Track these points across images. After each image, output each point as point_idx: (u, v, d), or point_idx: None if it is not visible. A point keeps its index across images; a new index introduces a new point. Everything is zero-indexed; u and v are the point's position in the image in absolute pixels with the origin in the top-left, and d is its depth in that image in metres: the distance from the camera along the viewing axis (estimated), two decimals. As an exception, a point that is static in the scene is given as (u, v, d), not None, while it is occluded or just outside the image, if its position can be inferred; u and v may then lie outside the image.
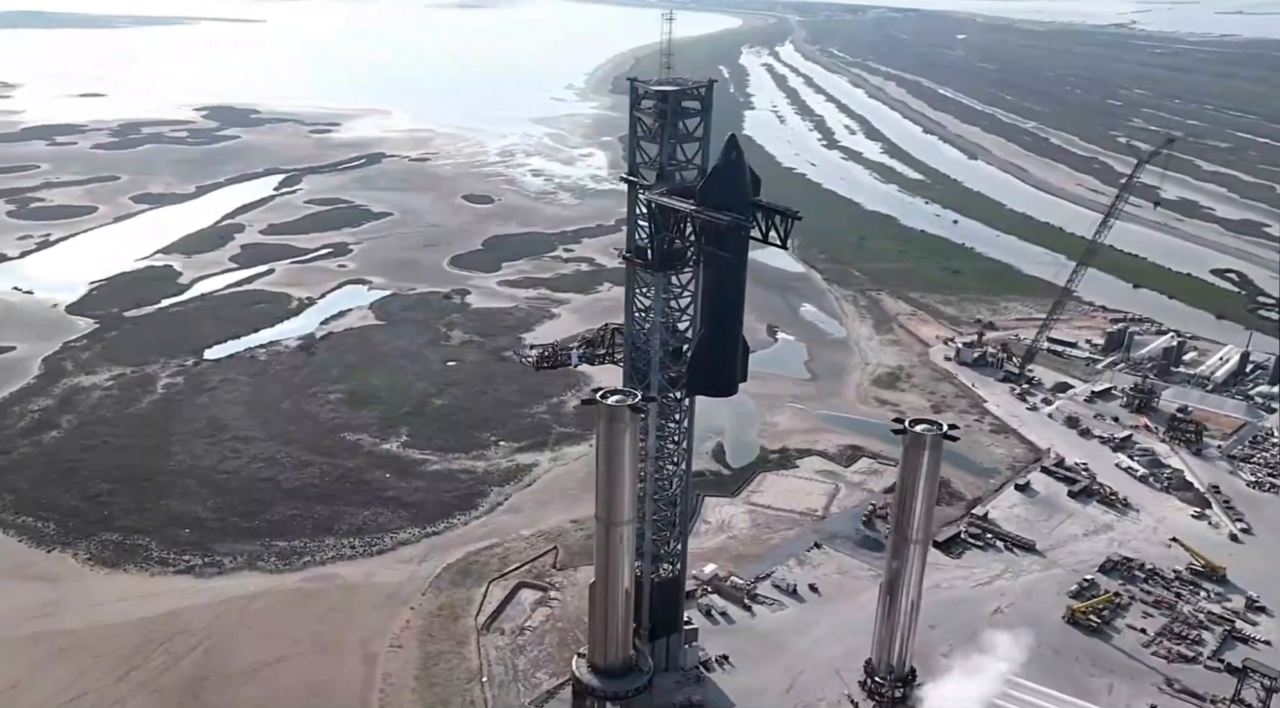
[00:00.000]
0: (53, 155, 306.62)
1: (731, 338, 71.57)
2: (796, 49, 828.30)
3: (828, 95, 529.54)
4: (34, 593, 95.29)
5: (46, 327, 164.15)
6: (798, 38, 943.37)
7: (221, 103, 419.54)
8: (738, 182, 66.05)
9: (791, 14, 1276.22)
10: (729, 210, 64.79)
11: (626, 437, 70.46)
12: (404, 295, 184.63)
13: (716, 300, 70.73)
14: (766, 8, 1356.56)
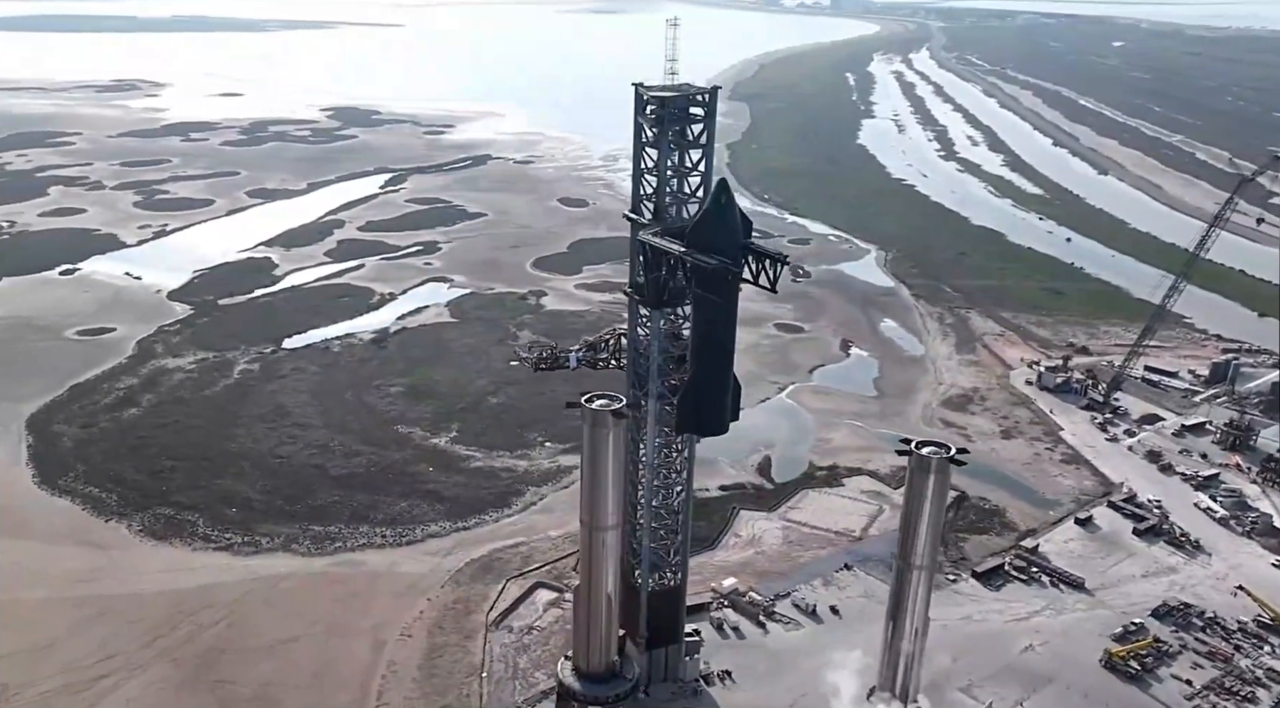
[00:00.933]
0: (184, 150, 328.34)
1: (721, 379, 72.08)
2: (932, 56, 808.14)
3: (955, 104, 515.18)
4: (86, 559, 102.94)
5: (148, 311, 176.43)
6: (935, 44, 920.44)
7: (347, 104, 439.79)
8: (727, 225, 66.46)
9: (934, 20, 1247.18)
10: (718, 253, 65.33)
11: (610, 441, 71.44)
12: (481, 294, 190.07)
13: (706, 341, 71.32)
14: (909, 14, 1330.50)
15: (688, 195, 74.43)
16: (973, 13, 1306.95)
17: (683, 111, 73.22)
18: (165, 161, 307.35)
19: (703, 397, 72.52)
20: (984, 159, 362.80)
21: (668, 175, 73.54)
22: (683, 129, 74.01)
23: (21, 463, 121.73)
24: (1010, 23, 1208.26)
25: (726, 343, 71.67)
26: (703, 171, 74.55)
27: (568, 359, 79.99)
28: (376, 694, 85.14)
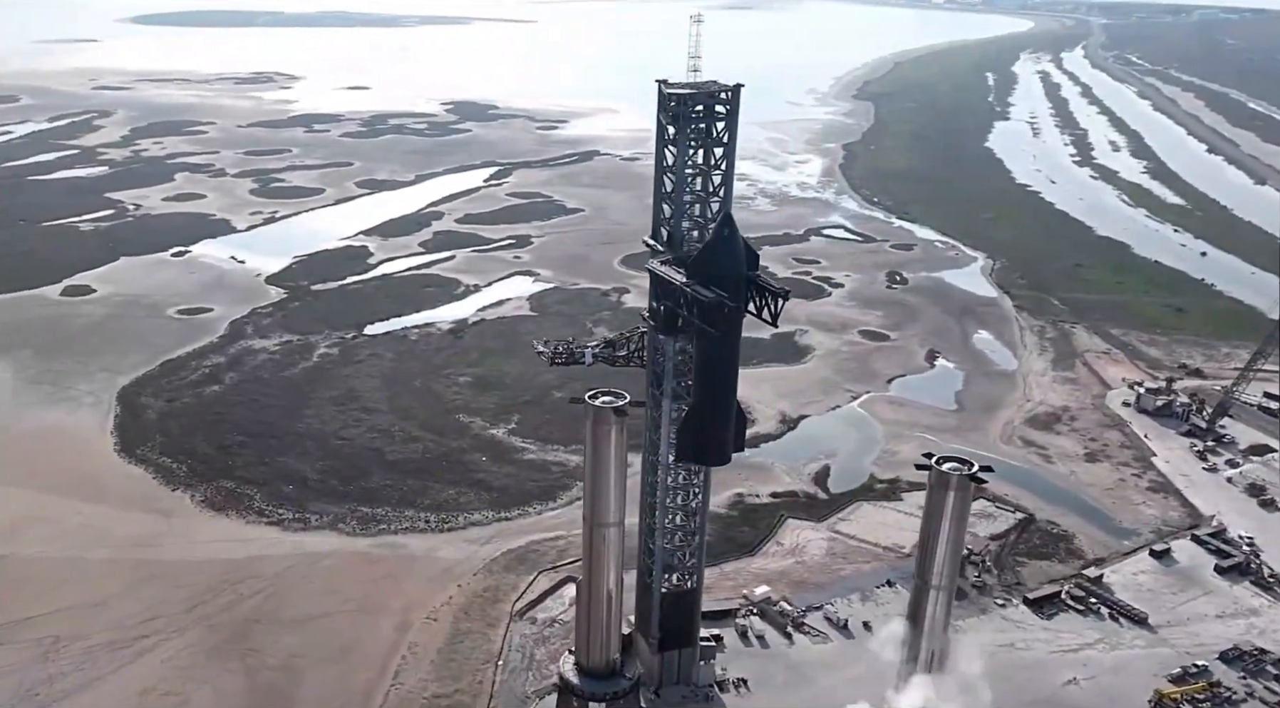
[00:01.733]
0: (305, 141, 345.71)
1: (723, 409, 72.39)
2: (1086, 55, 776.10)
3: (1102, 107, 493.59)
4: (149, 524, 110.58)
5: (245, 293, 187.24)
6: (1093, 43, 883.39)
7: (466, 98, 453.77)
8: (730, 258, 66.96)
9: (1097, 16, 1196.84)
10: (720, 285, 66.00)
11: (612, 438, 72.65)
12: (564, 289, 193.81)
13: (708, 372, 71.99)
14: (1069, 10, 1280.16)
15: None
16: (1143, 8, 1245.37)
17: (706, 110, 73.48)
18: (286, 151, 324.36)
19: (704, 426, 73.19)
20: (1123, 166, 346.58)
21: (686, 174, 73.86)
22: (708, 128, 74.35)
23: (107, 432, 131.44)
24: (1184, 19, 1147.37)
25: (729, 374, 72.19)
26: (724, 171, 74.73)
27: (583, 355, 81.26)
28: (394, 674, 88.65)
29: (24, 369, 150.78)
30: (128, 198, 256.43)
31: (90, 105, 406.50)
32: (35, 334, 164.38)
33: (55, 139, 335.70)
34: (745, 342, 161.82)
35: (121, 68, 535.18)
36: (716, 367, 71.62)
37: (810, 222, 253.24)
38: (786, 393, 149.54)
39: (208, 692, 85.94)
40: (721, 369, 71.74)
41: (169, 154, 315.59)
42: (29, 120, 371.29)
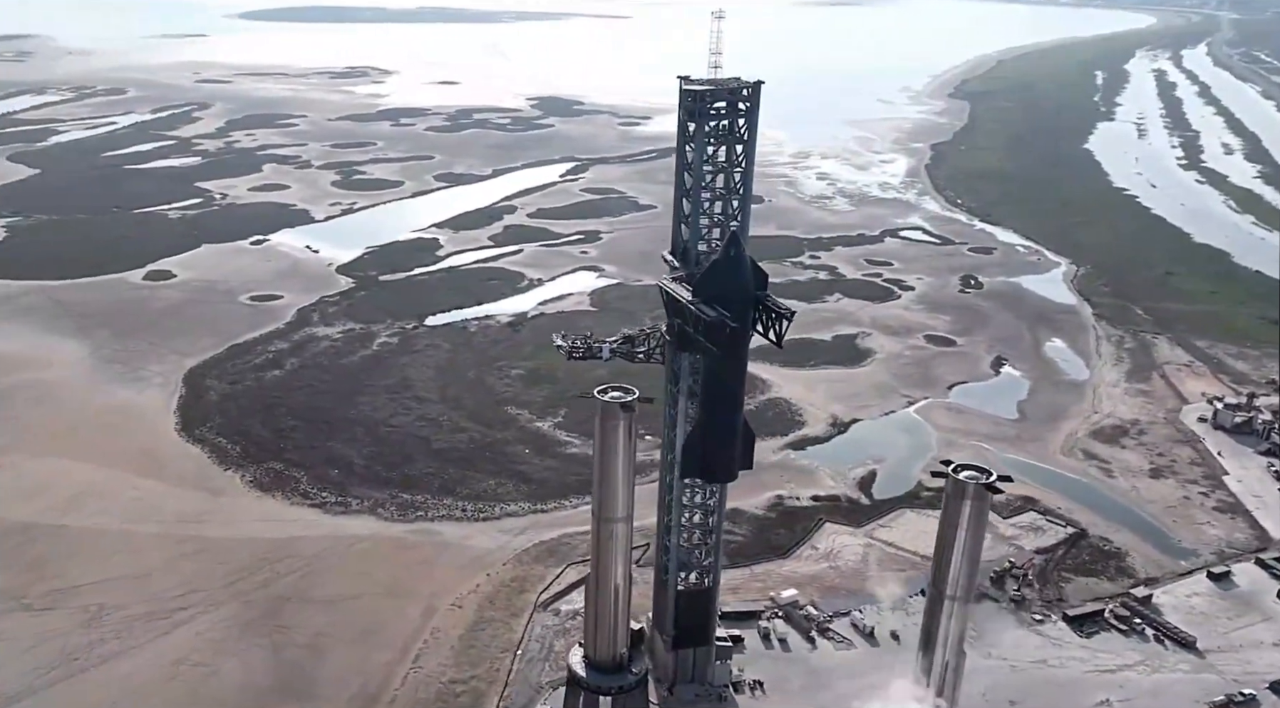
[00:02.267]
0: (391, 135, 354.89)
1: (727, 427, 73.64)
2: (1209, 52, 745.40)
3: (1219, 107, 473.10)
4: (198, 502, 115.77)
5: (316, 282, 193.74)
6: (1218, 39, 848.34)
7: (552, 94, 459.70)
8: (735, 278, 67.92)
9: (1227, 10, 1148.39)
10: (726, 305, 67.12)
11: (620, 434, 73.40)
12: (627, 285, 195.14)
13: (713, 390, 73.16)
14: (1196, 4, 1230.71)
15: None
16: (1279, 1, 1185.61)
17: (729, 107, 73.58)
18: (371, 144, 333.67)
19: (709, 443, 74.27)
20: (1234, 169, 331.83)
21: (704, 171, 74.14)
22: (730, 125, 74.49)
23: (171, 411, 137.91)
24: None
25: (734, 391, 73.28)
26: (744, 169, 74.82)
27: (601, 350, 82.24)
28: (414, 657, 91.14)
29: (101, 349, 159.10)
30: (216, 187, 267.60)
31: (191, 98, 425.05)
32: (115, 316, 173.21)
33: (155, 130, 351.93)
34: (804, 343, 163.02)
35: (224, 62, 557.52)
36: (721, 385, 73.04)
37: (887, 223, 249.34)
38: (841, 396, 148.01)
39: (236, 665, 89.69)
40: (726, 387, 73.17)
41: (260, 146, 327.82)
42: (133, 112, 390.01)
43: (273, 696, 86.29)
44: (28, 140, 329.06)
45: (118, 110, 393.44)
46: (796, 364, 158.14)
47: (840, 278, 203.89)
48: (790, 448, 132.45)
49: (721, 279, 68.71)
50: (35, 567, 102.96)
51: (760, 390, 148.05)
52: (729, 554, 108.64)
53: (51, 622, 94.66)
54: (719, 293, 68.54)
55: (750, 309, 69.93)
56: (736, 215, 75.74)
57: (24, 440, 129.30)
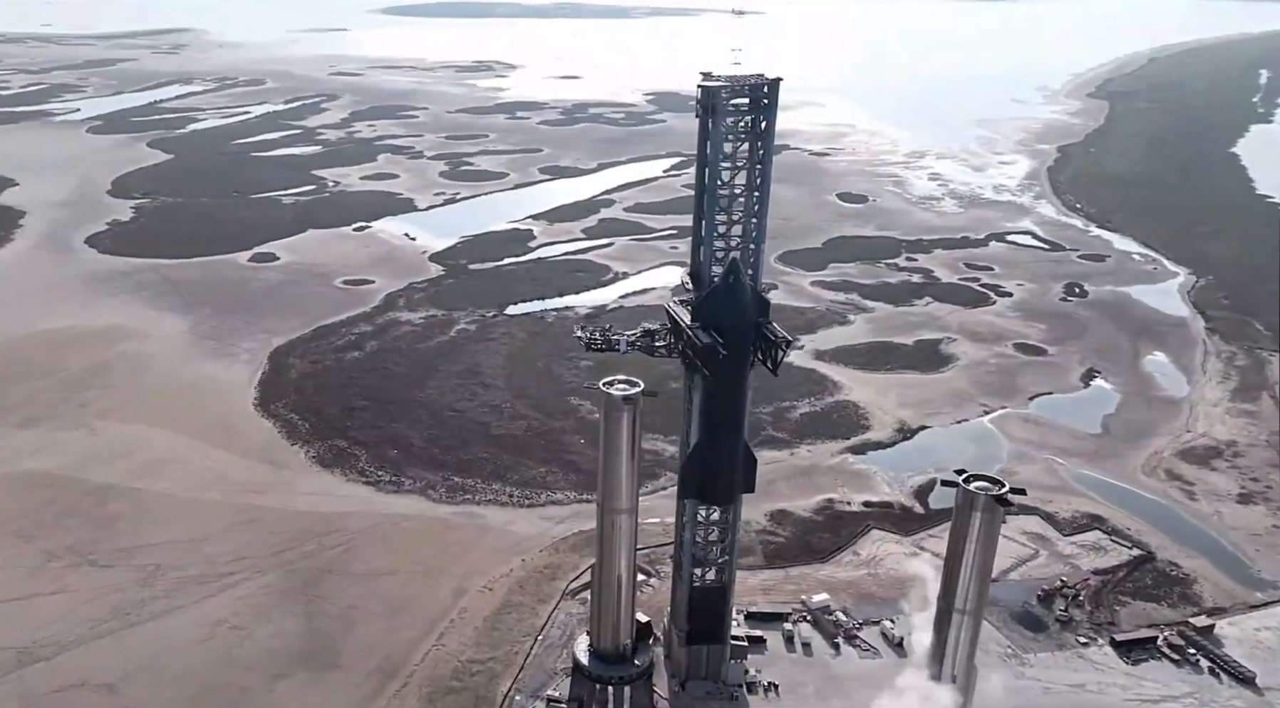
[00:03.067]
0: (504, 127, 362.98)
1: (725, 450, 73.97)
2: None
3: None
4: (262, 473, 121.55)
5: (408, 268, 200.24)
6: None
7: (669, 89, 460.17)
8: (732, 305, 68.14)
9: None
10: (721, 332, 67.90)
11: (624, 426, 73.89)
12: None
13: (710, 412, 73.63)
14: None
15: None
16: None
17: (753, 103, 72.72)
18: (483, 136, 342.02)
19: (707, 465, 74.60)
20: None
21: (721, 167, 73.52)
22: (753, 122, 73.64)
23: (251, 386, 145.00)
24: None
25: (731, 416, 73.35)
26: (761, 167, 73.81)
27: (618, 343, 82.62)
28: (438, 635, 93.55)
29: (199, 325, 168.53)
30: (331, 175, 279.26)
31: (322, 89, 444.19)
32: (217, 294, 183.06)
33: (284, 120, 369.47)
34: (883, 347, 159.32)
35: (360, 55, 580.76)
36: (719, 408, 73.24)
37: (995, 226, 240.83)
38: (913, 402, 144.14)
39: (269, 631, 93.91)
40: (723, 411, 73.33)
41: (378, 136, 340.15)
42: (267, 102, 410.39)
43: (298, 662, 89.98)
44: (168, 127, 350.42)
45: (253, 100, 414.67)
46: (872, 367, 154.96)
47: (934, 281, 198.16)
48: (850, 452, 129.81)
49: (720, 306, 69.35)
50: (106, 525, 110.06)
51: (829, 392, 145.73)
52: (767, 555, 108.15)
53: (112, 578, 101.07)
54: (717, 319, 69.40)
55: (749, 337, 69.73)
56: (755, 214, 74.48)
57: (116, 407, 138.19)
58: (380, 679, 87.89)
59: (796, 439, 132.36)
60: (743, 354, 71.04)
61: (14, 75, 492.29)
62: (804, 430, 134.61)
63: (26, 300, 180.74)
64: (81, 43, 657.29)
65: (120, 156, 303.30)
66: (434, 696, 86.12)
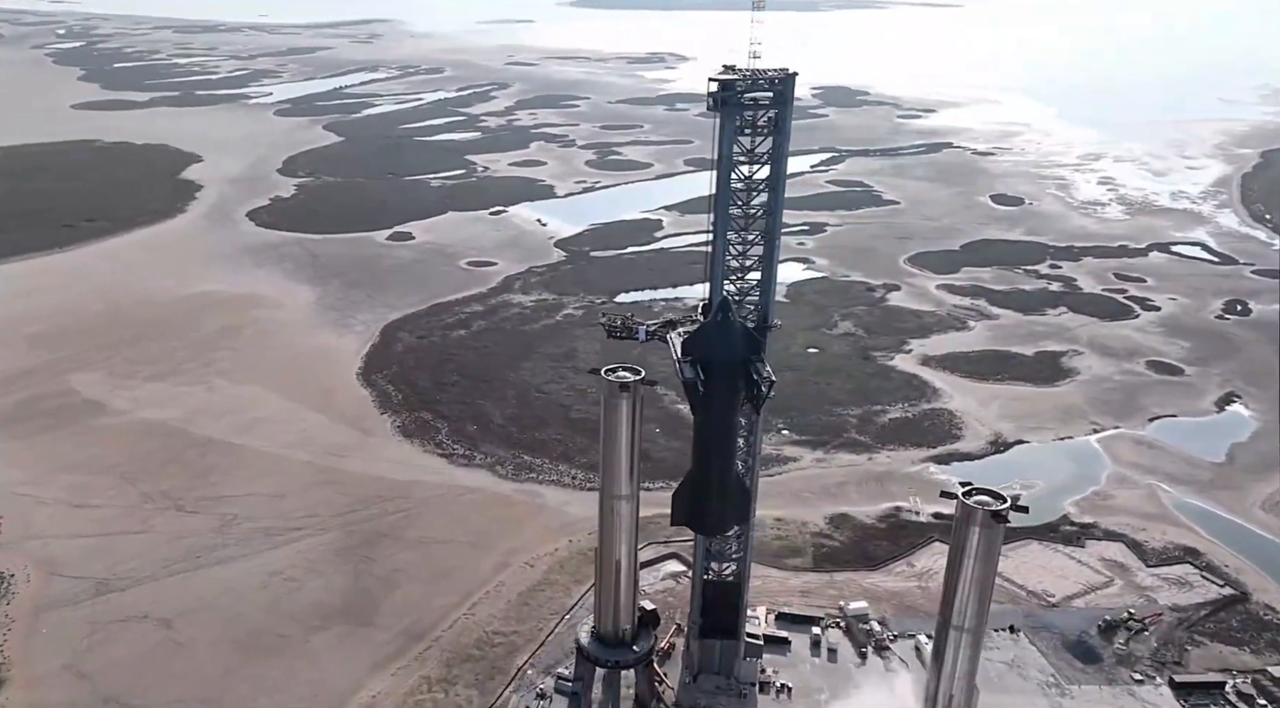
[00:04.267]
0: (661, 118, 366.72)
1: (715, 482, 73.51)
2: None
3: None
4: (349, 438, 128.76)
5: (532, 253, 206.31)
6: None
7: (839, 83, 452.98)
8: (722, 343, 68.10)
9: None
10: (709, 367, 68.11)
11: (622, 412, 74.56)
12: (831, 280, 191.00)
13: (700, 442, 73.79)
14: None
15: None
16: None
17: (776, 98, 71.93)
18: (637, 127, 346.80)
19: (695, 494, 74.74)
20: None
21: (734, 160, 72.94)
22: (776, 119, 72.84)
23: (359, 357, 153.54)
24: None
25: (719, 448, 72.72)
26: (773, 163, 72.81)
27: (638, 331, 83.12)
28: (471, 604, 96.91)
29: (327, 297, 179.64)
30: (482, 161, 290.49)
31: (495, 78, 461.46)
32: (350, 269, 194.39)
33: (452, 107, 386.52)
34: (998, 355, 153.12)
35: (539, 46, 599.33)
36: (707, 440, 72.95)
37: (1161, 235, 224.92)
38: (1016, 415, 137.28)
39: (318, 585, 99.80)
40: (712, 444, 72.80)
41: (535, 124, 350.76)
42: (441, 90, 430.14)
43: (337, 616, 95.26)
44: (345, 112, 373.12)
45: (429, 88, 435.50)
46: (980, 376, 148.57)
47: (1074, 291, 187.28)
48: (933, 461, 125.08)
49: (709, 342, 69.00)
50: (200, 476, 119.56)
51: (927, 398, 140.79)
52: (817, 557, 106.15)
53: (192, 524, 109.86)
54: (705, 355, 68.93)
55: (738, 374, 69.01)
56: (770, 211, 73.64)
57: (235, 368, 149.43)
58: (406, 641, 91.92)
59: (878, 444, 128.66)
60: (730, 392, 70.38)
61: (225, 61, 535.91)
62: (889, 436, 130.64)
63: (184, 266, 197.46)
64: (290, 31, 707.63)
65: (297, 138, 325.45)
66: (452, 661, 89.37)
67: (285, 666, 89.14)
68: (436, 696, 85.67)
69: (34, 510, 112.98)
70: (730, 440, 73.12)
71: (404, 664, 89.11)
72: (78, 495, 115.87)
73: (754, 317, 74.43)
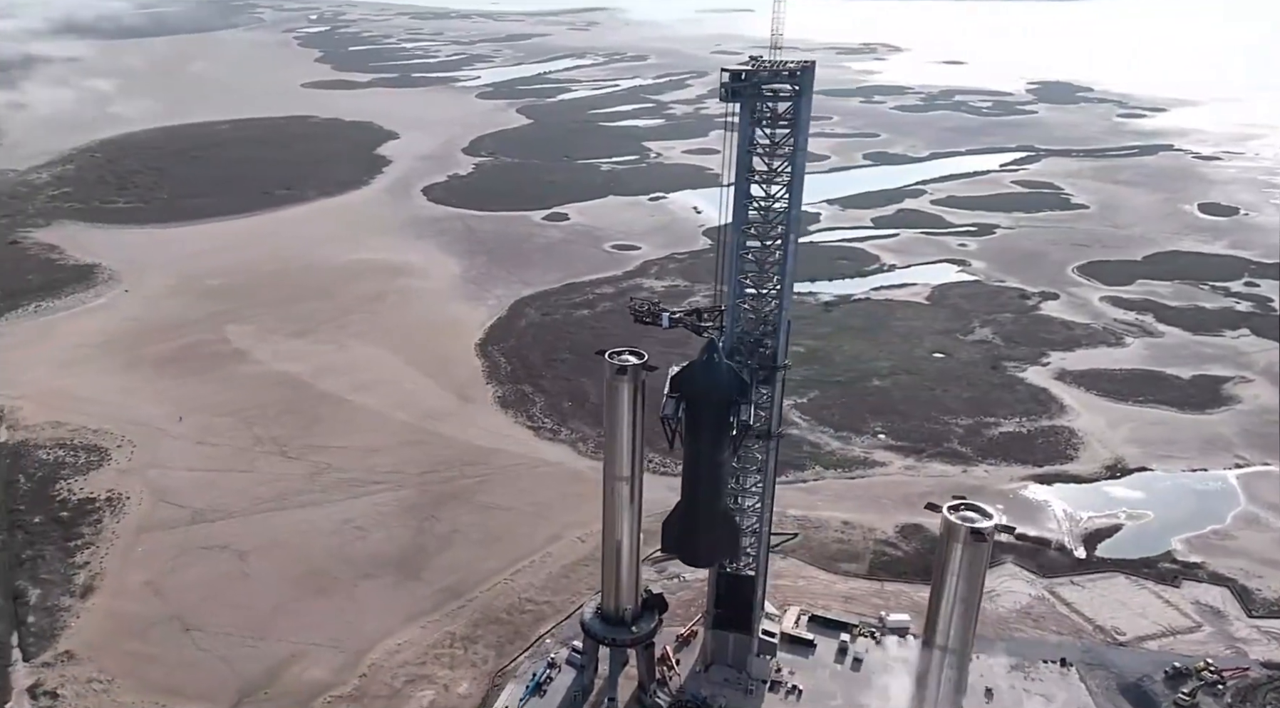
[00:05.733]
0: (852, 111, 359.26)
1: (702, 515, 73.71)
2: None
3: None
4: (448, 404, 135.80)
5: (678, 239, 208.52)
6: None
7: (1059, 79, 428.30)
8: (707, 384, 68.35)
9: None
10: (694, 404, 68.65)
11: (623, 395, 75.67)
12: (983, 284, 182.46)
13: (686, 475, 74.36)
14: None
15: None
16: None
17: (802, 88, 70.96)
18: (825, 119, 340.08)
19: (683, 525, 75.24)
20: None
21: (749, 149, 72.32)
22: (799, 109, 71.91)
23: (482, 328, 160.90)
24: None
25: (709, 484, 72.70)
26: (790, 155, 71.64)
27: (662, 317, 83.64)
28: (514, 570, 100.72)
29: (471, 269, 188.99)
30: (658, 148, 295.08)
31: (695, 67, 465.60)
32: (500, 245, 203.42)
33: (645, 94, 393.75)
34: (1148, 376, 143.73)
35: (751, 35, 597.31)
36: (693, 475, 73.32)
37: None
38: (1148, 440, 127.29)
39: (381, 536, 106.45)
40: (698, 478, 73.03)
41: (721, 113, 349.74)
42: (639, 77, 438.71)
43: (389, 567, 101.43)
44: (540, 96, 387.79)
45: (627, 75, 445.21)
46: (1119, 396, 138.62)
47: (1266, 313, 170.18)
48: (1034, 480, 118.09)
49: (694, 382, 68.85)
50: (308, 426, 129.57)
51: (1049, 414, 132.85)
52: (874, 565, 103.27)
53: (290, 469, 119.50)
54: (691, 393, 68.82)
55: (724, 415, 68.54)
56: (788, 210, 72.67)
57: (368, 332, 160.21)
58: (445, 597, 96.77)
59: (978, 457, 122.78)
60: (715, 430, 69.75)
61: (446, 46, 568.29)
62: (993, 450, 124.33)
63: (353, 234, 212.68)
64: (514, 18, 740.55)
65: (491, 119, 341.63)
66: (480, 622, 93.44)
67: (330, 607, 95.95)
68: (456, 652, 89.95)
69: (163, 442, 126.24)
70: (717, 476, 73.24)
71: (435, 619, 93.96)
72: (202, 433, 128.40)
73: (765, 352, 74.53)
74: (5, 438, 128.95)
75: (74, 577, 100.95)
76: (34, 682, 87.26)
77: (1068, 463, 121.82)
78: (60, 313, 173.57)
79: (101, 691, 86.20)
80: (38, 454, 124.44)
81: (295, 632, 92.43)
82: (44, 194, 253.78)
